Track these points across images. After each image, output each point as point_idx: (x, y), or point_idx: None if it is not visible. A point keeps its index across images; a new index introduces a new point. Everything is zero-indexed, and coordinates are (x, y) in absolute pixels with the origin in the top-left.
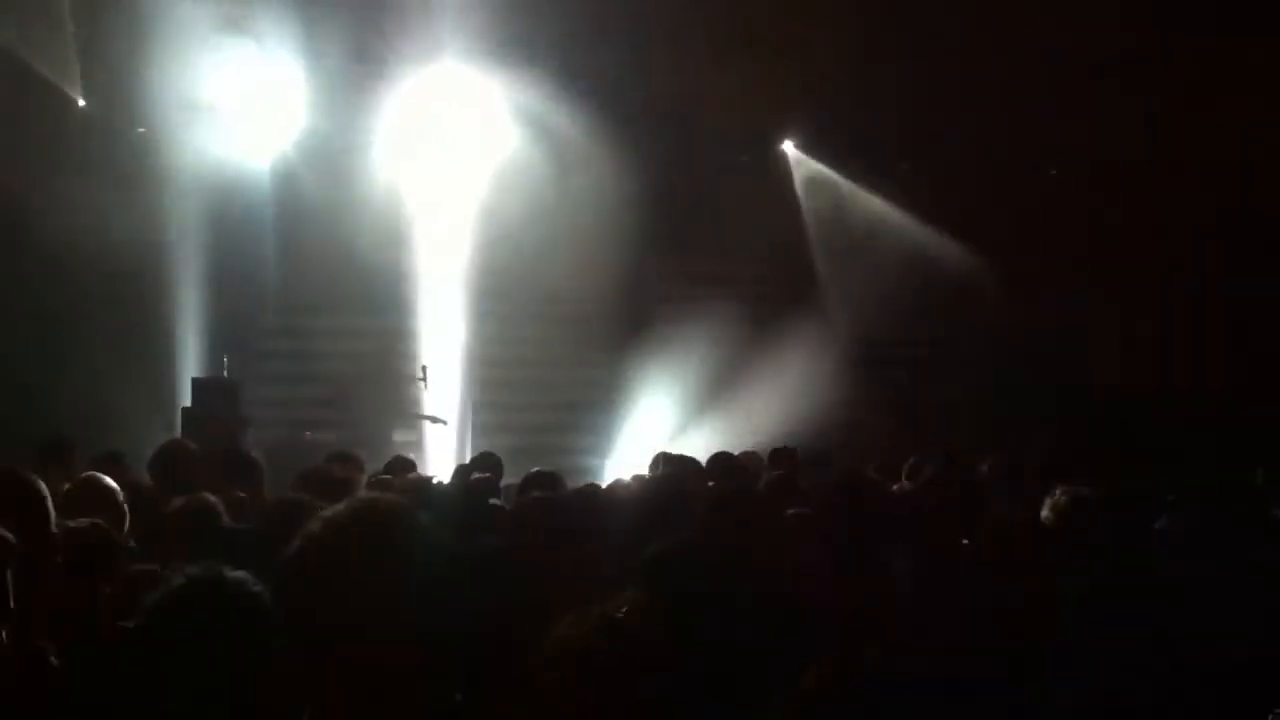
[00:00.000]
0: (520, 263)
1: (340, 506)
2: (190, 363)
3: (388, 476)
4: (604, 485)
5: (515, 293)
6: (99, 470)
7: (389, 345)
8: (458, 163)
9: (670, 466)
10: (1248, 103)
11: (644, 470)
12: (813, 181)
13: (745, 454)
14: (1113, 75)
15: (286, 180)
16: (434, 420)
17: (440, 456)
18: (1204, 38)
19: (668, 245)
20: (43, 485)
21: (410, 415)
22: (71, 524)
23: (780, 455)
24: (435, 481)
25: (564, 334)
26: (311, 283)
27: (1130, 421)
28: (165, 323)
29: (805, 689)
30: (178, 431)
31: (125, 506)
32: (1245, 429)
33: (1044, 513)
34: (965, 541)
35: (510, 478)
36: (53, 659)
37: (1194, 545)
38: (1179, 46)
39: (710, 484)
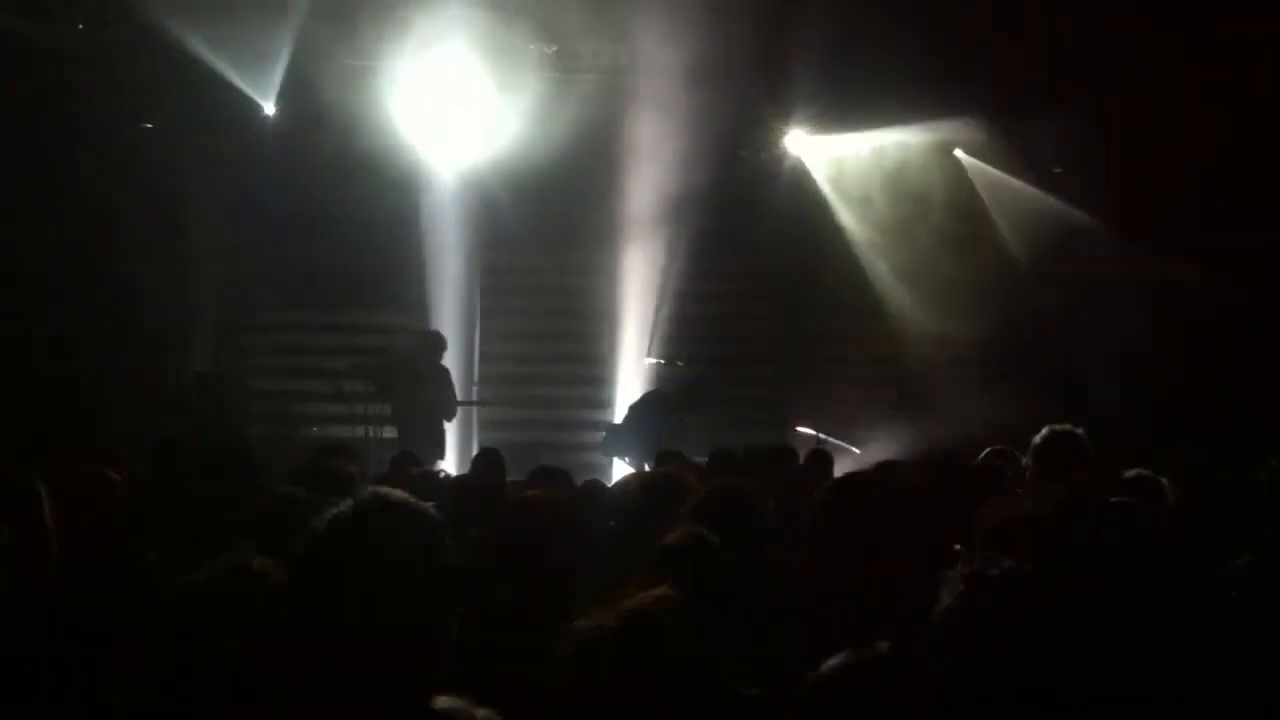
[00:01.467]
0: (531, 260)
1: (347, 502)
2: (193, 357)
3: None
4: (611, 481)
5: (523, 289)
6: (95, 464)
7: (414, 339)
8: (456, 149)
9: (674, 464)
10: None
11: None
12: (834, 161)
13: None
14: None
15: (295, 169)
16: (482, 404)
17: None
18: None
19: (689, 242)
20: (39, 481)
21: (459, 404)
22: (70, 520)
23: (781, 453)
24: (442, 475)
25: (575, 330)
26: (318, 275)
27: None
28: (170, 316)
29: (811, 685)
30: (178, 427)
31: (122, 502)
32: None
33: (1044, 504)
34: (963, 538)
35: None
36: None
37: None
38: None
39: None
